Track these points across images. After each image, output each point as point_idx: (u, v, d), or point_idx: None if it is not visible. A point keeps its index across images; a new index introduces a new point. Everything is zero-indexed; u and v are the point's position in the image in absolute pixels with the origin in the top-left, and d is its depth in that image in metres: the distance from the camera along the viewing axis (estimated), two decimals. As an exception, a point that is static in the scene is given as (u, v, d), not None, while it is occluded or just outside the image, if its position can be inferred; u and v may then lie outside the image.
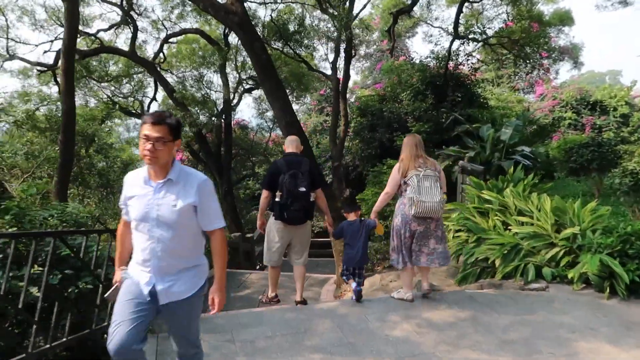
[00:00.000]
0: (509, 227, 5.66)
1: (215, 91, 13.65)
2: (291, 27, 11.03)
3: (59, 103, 13.86)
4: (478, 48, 14.83)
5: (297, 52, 11.95)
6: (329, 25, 10.99)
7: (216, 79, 13.38)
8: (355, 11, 10.96)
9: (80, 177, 9.28)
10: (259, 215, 4.91)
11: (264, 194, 4.72)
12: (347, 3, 8.74)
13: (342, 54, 11.03)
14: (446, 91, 13.07)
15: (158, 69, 14.03)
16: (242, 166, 14.82)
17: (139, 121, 14.62)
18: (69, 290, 3.16)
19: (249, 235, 11.41)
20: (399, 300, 4.61)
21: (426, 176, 4.26)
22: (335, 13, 8.64)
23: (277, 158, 17.99)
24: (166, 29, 13.70)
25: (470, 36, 12.80)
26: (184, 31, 13.60)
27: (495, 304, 4.41)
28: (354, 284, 4.59)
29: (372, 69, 29.43)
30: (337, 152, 8.09)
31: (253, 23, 9.22)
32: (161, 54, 14.16)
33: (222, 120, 12.74)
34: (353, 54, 10.17)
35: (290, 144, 4.89)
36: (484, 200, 6.35)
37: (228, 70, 15.04)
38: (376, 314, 4.21)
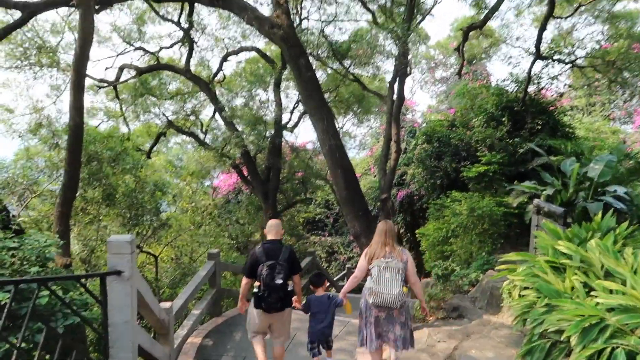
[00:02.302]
0: (592, 293, 4.44)
1: (272, 112, 13.26)
2: (345, 45, 10.37)
3: (120, 118, 14.27)
4: (565, 71, 13.32)
5: (352, 71, 11.27)
6: (387, 41, 10.25)
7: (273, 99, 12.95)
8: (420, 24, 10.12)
9: (106, 197, 9.06)
10: (240, 298, 5.18)
11: (244, 280, 5.00)
12: (405, 15, 7.93)
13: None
14: (525, 118, 11.75)
15: (220, 87, 13.96)
16: (294, 190, 14.23)
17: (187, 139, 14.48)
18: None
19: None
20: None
21: (388, 267, 4.44)
22: (391, 27, 7.85)
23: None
24: (226, 47, 13.65)
25: (555, 57, 11.41)
26: (241, 49, 13.47)
27: (566, 404, 3.27)
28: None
29: (447, 93, 28.25)
30: (386, 183, 7.19)
31: (304, 39, 8.69)
32: (222, 73, 14.12)
33: (273, 142, 12.25)
34: (409, 72, 9.28)
35: (270, 231, 5.02)
36: (561, 253, 5.14)
37: (288, 90, 14.74)
38: (398, 403, 3.24)
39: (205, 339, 7.10)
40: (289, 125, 14.11)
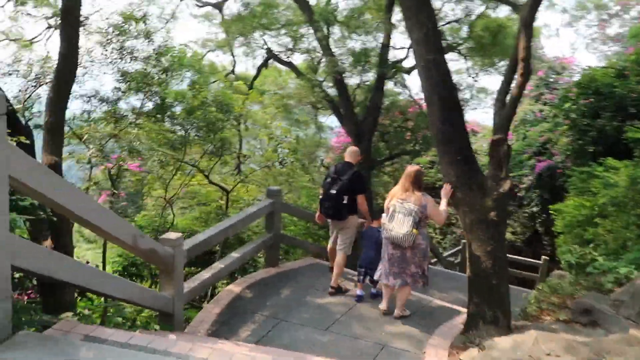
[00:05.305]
0: None
1: (379, 45, 11.34)
2: None
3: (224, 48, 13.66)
4: None
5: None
6: None
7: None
8: None
9: (156, 108, 8.05)
10: (318, 208, 6.04)
11: (321, 190, 6.00)
12: None
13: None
14: None
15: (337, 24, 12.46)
16: (398, 140, 12.19)
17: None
18: None
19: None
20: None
21: (402, 207, 4.92)
22: None
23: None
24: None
25: None
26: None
27: None
28: (358, 291, 5.75)
29: (621, 54, 23.32)
30: (502, 119, 5.07)
31: None
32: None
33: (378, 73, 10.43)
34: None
35: (348, 154, 5.93)
36: None
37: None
38: None
39: (246, 290, 5.94)
40: (404, 66, 12.08)
